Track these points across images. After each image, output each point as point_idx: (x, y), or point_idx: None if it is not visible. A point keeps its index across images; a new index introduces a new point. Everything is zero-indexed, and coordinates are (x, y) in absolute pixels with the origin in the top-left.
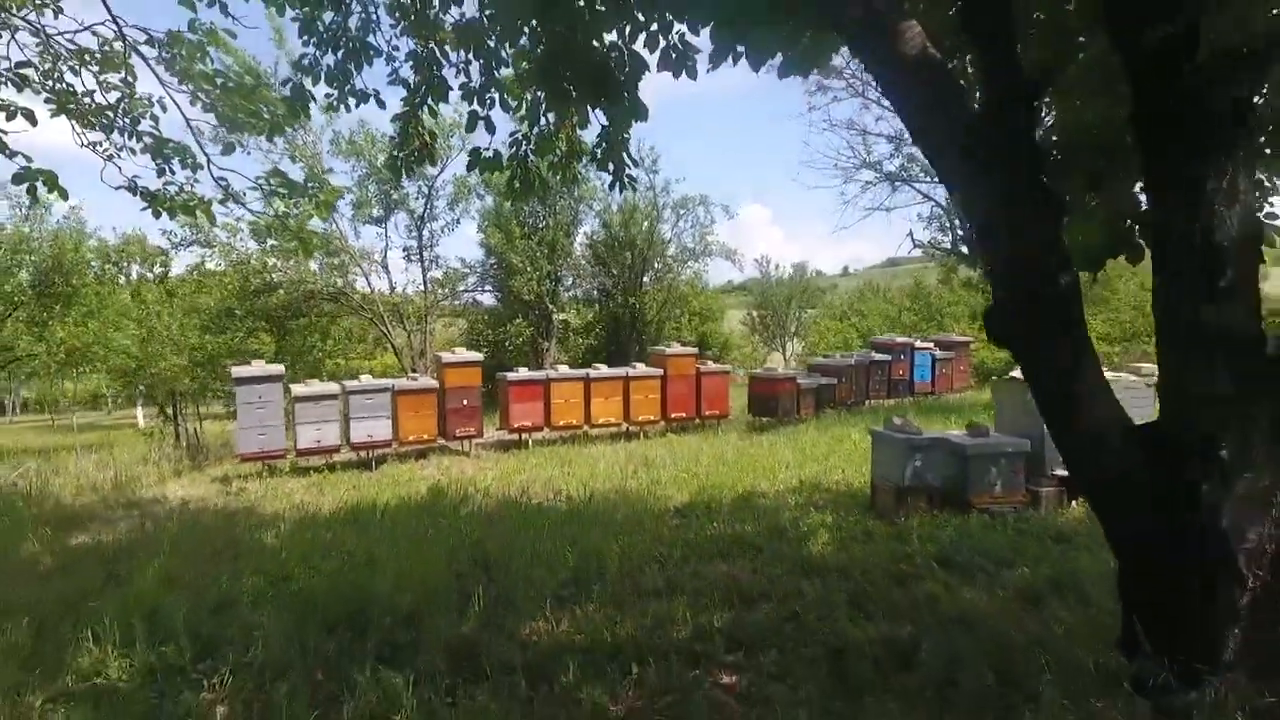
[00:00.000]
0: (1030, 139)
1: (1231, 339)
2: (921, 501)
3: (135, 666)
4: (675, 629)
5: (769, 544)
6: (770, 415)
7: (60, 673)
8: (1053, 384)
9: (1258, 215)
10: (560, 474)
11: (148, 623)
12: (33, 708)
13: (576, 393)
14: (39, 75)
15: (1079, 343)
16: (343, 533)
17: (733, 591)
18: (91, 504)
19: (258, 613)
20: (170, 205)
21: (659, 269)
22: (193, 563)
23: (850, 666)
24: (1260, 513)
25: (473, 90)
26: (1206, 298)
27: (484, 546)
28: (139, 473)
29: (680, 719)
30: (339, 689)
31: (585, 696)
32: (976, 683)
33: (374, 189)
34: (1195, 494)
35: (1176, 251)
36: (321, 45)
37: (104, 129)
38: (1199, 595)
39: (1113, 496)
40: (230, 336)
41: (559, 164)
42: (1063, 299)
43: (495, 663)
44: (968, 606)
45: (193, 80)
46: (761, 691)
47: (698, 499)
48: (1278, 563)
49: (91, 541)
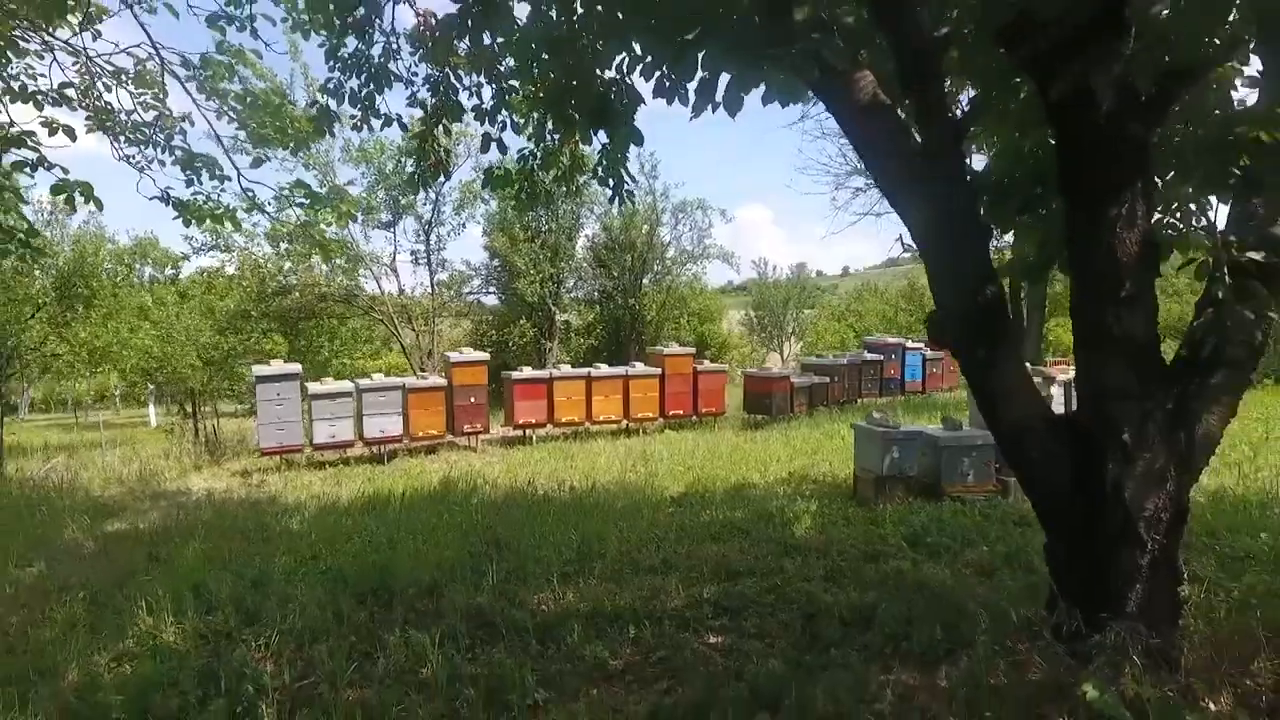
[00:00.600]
0: (960, 172)
1: (1132, 342)
2: (899, 490)
3: (187, 631)
4: (669, 599)
5: (757, 528)
6: (765, 413)
7: (120, 637)
8: (983, 382)
9: (1154, 236)
10: (563, 467)
11: (194, 595)
12: (100, 664)
13: (578, 391)
14: (77, 93)
15: (1005, 344)
16: (362, 519)
17: (721, 568)
18: (120, 495)
19: (292, 587)
20: (199, 214)
21: (658, 271)
22: (227, 545)
23: (820, 627)
24: (1157, 488)
25: (484, 111)
26: (1111, 307)
27: (494, 530)
28: (161, 467)
29: (671, 671)
30: (372, 648)
31: (588, 653)
32: (926, 637)
33: (383, 195)
34: (1103, 473)
35: (1086, 267)
36: (345, 70)
37: (140, 144)
38: (1107, 557)
39: (1037, 477)
40: (245, 337)
41: (563, 176)
42: (989, 309)
43: (509, 626)
44: (928, 578)
45: (221, 98)
46: (742, 648)
47: (693, 490)
48: (1171, 530)
49: (128, 528)
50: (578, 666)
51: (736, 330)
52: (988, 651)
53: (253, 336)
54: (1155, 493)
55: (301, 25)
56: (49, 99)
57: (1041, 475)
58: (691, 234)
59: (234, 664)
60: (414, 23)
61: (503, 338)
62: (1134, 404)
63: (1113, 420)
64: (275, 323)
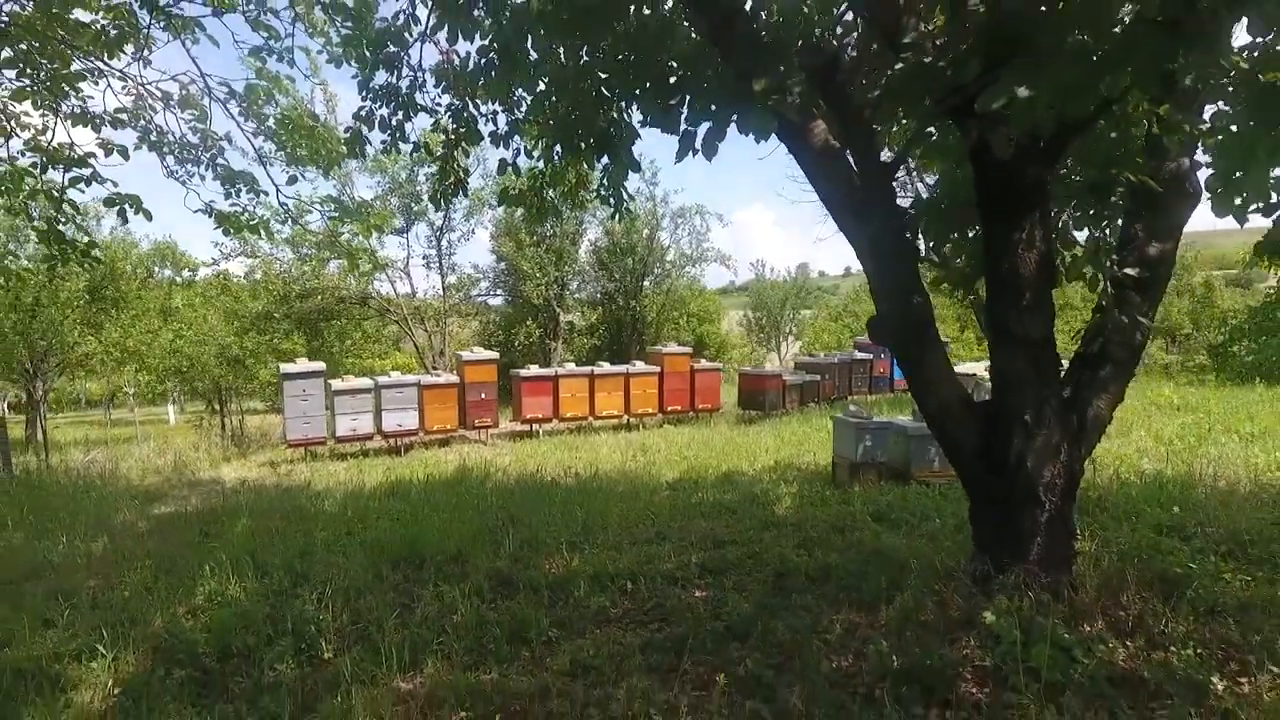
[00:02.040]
0: (891, 205)
1: (1031, 341)
2: (871, 474)
3: (249, 590)
4: (662, 563)
5: (742, 507)
6: (758, 409)
7: (191, 595)
8: (913, 374)
9: (1051, 256)
10: (568, 458)
11: (250, 562)
12: (178, 615)
13: (582, 388)
14: (129, 116)
15: (929, 344)
16: (388, 502)
17: (708, 539)
18: (159, 484)
19: (334, 555)
20: (237, 225)
21: (658, 274)
22: (270, 523)
23: (788, 582)
24: (1053, 459)
25: (500, 136)
26: (1014, 312)
27: (508, 509)
28: (192, 459)
29: (662, 615)
30: (409, 601)
31: (592, 603)
32: (873, 586)
33: (396, 202)
34: (1009, 447)
35: (996, 279)
36: (376, 100)
37: (185, 162)
38: (1013, 515)
39: (959, 452)
40: (268, 337)
41: (569, 193)
42: (917, 314)
43: (525, 583)
44: (885, 544)
45: (260, 120)
46: (721, 598)
47: (687, 476)
48: (1065, 493)
49: (175, 510)
50: (584, 613)
51: (736, 331)
52: (918, 594)
53: (274, 337)
54: (1051, 463)
55: (336, 57)
56: (105, 121)
57: (960, 449)
58: (690, 238)
59: (294, 612)
60: (438, 59)
61: (510, 338)
62: (1033, 391)
63: (1016, 404)
64: (297, 324)
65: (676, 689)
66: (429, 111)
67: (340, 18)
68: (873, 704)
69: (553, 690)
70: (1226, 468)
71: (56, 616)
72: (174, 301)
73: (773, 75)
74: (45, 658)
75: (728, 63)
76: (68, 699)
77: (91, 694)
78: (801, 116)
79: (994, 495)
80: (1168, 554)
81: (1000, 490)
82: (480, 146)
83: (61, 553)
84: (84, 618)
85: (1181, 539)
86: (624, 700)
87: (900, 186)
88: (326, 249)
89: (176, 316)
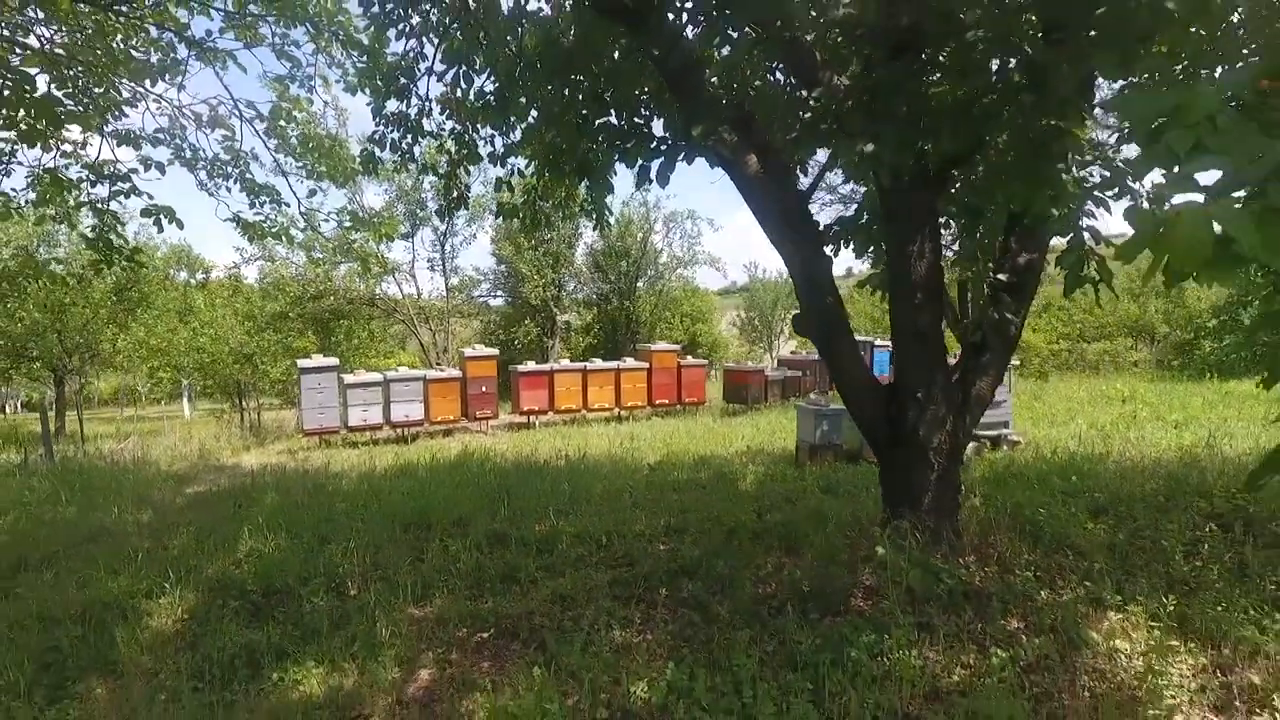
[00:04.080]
0: (808, 223)
1: (923, 333)
2: (828, 456)
3: (283, 546)
4: (635, 525)
5: (712, 484)
6: (741, 402)
7: (233, 551)
8: (830, 360)
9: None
10: (561, 445)
11: (281, 526)
12: (226, 566)
13: (576, 382)
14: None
15: (840, 335)
16: (398, 480)
17: (677, 507)
18: (188, 468)
19: (354, 521)
20: (261, 233)
21: (651, 276)
22: (295, 498)
23: (737, 536)
24: (941, 429)
25: (497, 156)
26: (909, 309)
27: (505, 484)
28: (214, 447)
29: (629, 561)
30: (420, 553)
31: (572, 553)
32: (803, 535)
33: (402, 208)
34: (906, 419)
35: (895, 283)
36: (388, 125)
37: (217, 177)
38: (909, 474)
39: (869, 424)
40: (283, 335)
41: (559, 205)
42: (830, 311)
43: (516, 540)
44: (824, 507)
45: (283, 139)
46: (681, 550)
47: (667, 459)
48: (951, 456)
49: (206, 489)
50: (565, 560)
51: (732, 330)
52: (836, 540)
53: (289, 335)
54: (939, 432)
55: (352, 86)
56: (145, 140)
57: (869, 421)
58: (682, 241)
59: (324, 560)
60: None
61: (509, 336)
62: (925, 373)
63: (911, 384)
64: (310, 323)
65: (633, 608)
66: (434, 136)
67: (356, 52)
68: (783, 614)
69: (537, 612)
70: (1140, 448)
71: (121, 568)
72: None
73: (708, 123)
74: (121, 595)
75: (681, 108)
76: (145, 623)
77: (163, 620)
78: (735, 153)
79: (894, 459)
80: (1040, 508)
81: (899, 455)
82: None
83: (114, 521)
84: (145, 568)
85: (1067, 500)
86: (591, 616)
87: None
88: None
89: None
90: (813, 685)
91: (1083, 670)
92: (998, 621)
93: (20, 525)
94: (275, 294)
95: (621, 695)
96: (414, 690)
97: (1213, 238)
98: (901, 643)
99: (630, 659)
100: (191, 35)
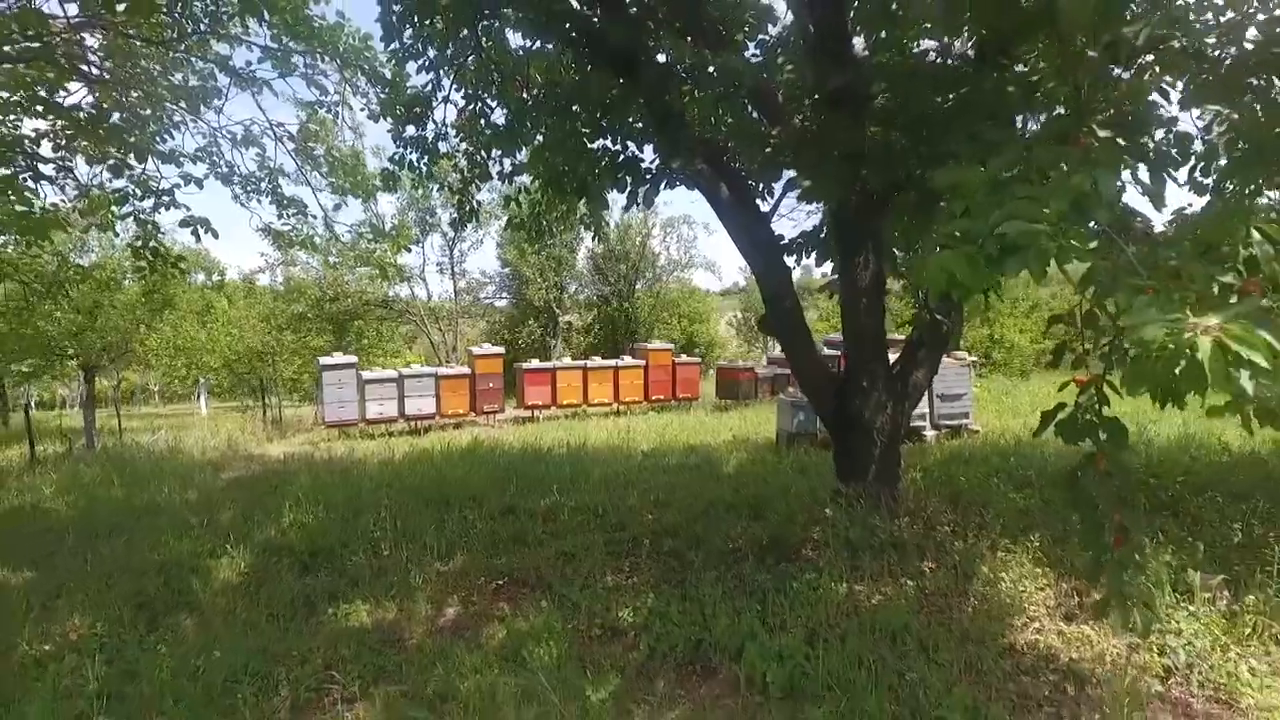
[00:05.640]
0: (770, 238)
1: (868, 333)
2: (804, 443)
3: (320, 519)
4: (628, 499)
5: (698, 467)
6: (732, 398)
7: (277, 522)
8: (791, 356)
9: (882, 274)
10: (564, 436)
11: (316, 502)
12: (273, 534)
13: (577, 379)
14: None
15: (800, 334)
16: (415, 465)
17: (665, 486)
18: (218, 457)
19: (381, 498)
20: (289, 242)
21: (649, 278)
22: (325, 479)
23: (716, 509)
24: (882, 413)
25: (505, 175)
26: (856, 313)
27: (513, 467)
28: (240, 439)
29: (621, 525)
30: (441, 522)
31: (573, 522)
32: (770, 504)
33: (413, 215)
34: (854, 405)
35: (844, 290)
36: (407, 147)
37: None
38: (857, 451)
39: (826, 411)
40: (302, 335)
41: (561, 218)
42: (790, 314)
43: (524, 511)
44: (793, 484)
45: (310, 158)
46: (665, 517)
47: (660, 447)
48: (892, 436)
49: (240, 475)
50: (567, 526)
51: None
52: (796, 506)
53: (307, 335)
54: (881, 416)
55: (375, 114)
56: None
57: (825, 407)
58: (679, 245)
59: (360, 527)
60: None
61: (514, 336)
62: (870, 367)
63: (858, 376)
64: (328, 324)
65: (623, 560)
66: (449, 157)
67: (379, 85)
68: (745, 560)
69: (543, 565)
70: None
71: (182, 535)
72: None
73: (685, 157)
74: (188, 555)
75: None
76: (213, 576)
77: (228, 573)
78: (709, 182)
79: (845, 439)
80: (970, 480)
81: (849, 435)
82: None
83: (164, 500)
84: (202, 536)
85: (998, 475)
86: (588, 567)
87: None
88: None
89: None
90: (761, 607)
91: (971, 595)
92: (915, 564)
93: (82, 503)
94: (296, 296)
95: (611, 618)
96: (444, 622)
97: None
98: (835, 578)
99: (619, 595)
100: (232, 65)
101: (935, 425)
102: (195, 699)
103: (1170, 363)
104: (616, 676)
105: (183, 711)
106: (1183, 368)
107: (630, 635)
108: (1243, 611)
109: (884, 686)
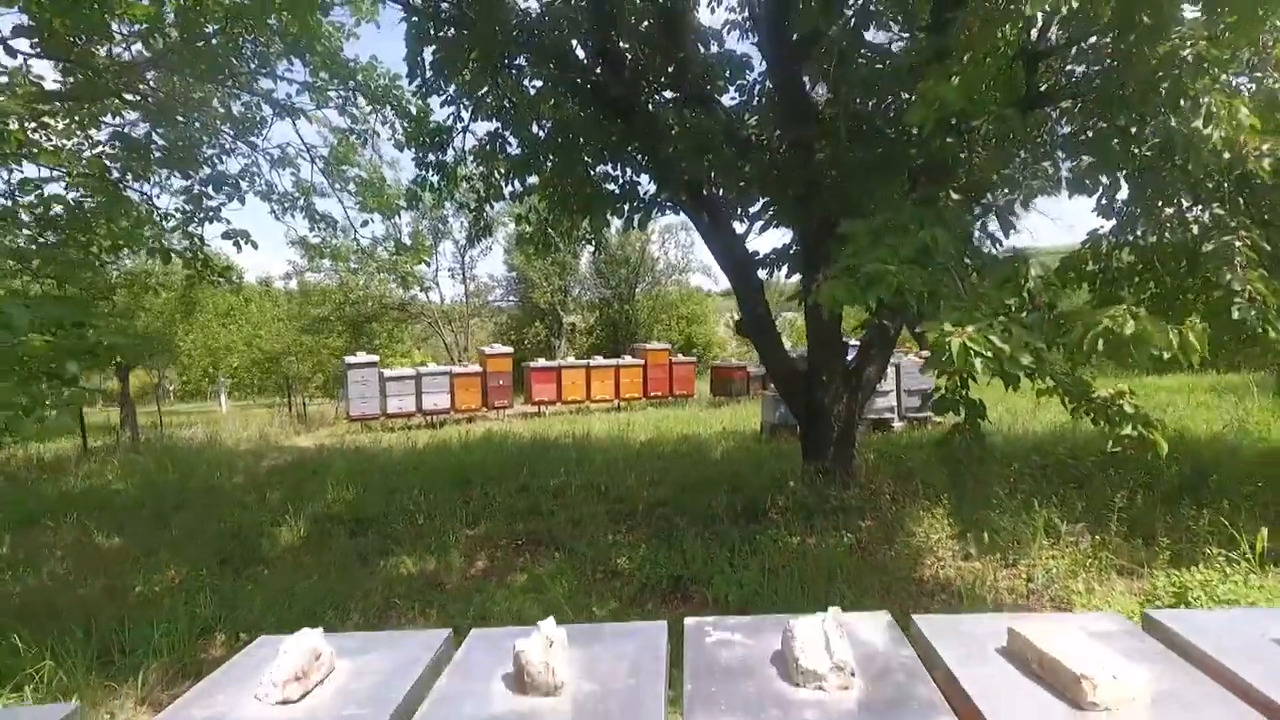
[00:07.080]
0: (746, 256)
1: (828, 335)
2: (786, 434)
3: (359, 495)
4: (627, 479)
5: (689, 453)
6: (726, 395)
7: (323, 499)
8: (763, 356)
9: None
10: (569, 428)
11: (355, 483)
12: (319, 508)
13: (580, 377)
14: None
15: (770, 336)
16: (436, 453)
17: (660, 469)
18: (252, 448)
19: (410, 479)
20: (320, 253)
21: (649, 282)
22: (358, 465)
23: (703, 487)
24: (839, 403)
25: (517, 194)
26: (817, 320)
27: (525, 454)
28: (270, 432)
29: (620, 499)
30: (466, 497)
31: (580, 496)
32: (747, 481)
33: (427, 224)
34: (815, 396)
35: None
36: (428, 170)
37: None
38: (818, 436)
39: (795, 402)
40: (324, 336)
41: (567, 233)
42: (763, 320)
43: (536, 489)
44: (770, 466)
45: (340, 178)
46: (658, 494)
47: (656, 437)
48: (848, 422)
49: (278, 462)
50: (574, 500)
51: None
52: (768, 481)
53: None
54: (839, 404)
55: (400, 144)
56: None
57: (793, 399)
58: (677, 250)
59: (396, 501)
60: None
61: (520, 337)
62: (829, 364)
63: (819, 371)
64: (347, 325)
65: (621, 523)
66: (467, 180)
67: (405, 120)
68: (719, 521)
69: (555, 529)
70: (1031, 425)
71: (241, 510)
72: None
73: (671, 188)
74: (251, 524)
75: (654, 176)
76: (278, 538)
77: (290, 537)
78: (692, 209)
79: (809, 425)
80: (915, 460)
81: (812, 422)
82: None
83: (216, 483)
84: (258, 510)
85: None
86: (593, 530)
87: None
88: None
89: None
90: (730, 553)
91: (897, 543)
92: (856, 522)
93: (144, 486)
94: (320, 300)
95: (612, 564)
96: (476, 571)
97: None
98: (791, 533)
99: (618, 548)
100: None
101: (902, 417)
102: (288, 618)
103: (940, 353)
104: (615, 601)
105: (283, 625)
106: (947, 356)
107: (626, 574)
108: (1093, 550)
109: (816, 603)
